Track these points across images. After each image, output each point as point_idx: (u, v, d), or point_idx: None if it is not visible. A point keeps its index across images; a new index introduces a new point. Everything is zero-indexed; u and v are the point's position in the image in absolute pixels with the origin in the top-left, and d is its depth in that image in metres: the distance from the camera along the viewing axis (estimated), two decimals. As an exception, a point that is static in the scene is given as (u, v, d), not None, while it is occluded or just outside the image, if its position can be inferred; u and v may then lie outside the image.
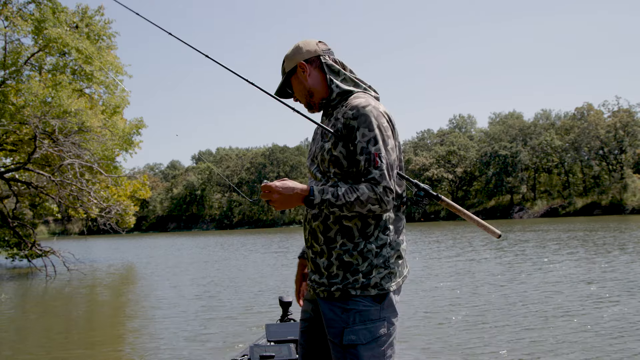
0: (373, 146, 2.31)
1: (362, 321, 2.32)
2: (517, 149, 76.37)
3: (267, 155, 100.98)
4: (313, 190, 2.31)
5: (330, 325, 2.37)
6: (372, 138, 2.31)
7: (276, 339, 4.10)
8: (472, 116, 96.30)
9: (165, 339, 8.08)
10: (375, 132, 2.32)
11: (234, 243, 38.95)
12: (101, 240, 61.46)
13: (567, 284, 11.18)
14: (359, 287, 2.34)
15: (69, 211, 23.24)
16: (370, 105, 2.36)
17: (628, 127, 71.09)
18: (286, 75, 2.59)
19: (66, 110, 19.07)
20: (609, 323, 7.56)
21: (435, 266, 15.86)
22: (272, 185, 2.29)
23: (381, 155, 2.31)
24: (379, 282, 2.35)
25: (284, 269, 17.73)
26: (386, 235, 2.39)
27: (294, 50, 2.58)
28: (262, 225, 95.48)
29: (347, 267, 2.36)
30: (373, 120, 2.33)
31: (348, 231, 2.37)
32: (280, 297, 4.72)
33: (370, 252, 2.36)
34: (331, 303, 2.38)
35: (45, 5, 20.53)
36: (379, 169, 2.29)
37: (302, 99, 2.59)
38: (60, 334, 9.07)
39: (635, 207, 63.93)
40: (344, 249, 2.37)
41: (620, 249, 17.91)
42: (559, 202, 73.09)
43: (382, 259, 2.37)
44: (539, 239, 24.95)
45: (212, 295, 12.51)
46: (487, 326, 7.78)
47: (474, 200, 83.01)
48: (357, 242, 2.36)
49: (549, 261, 15.57)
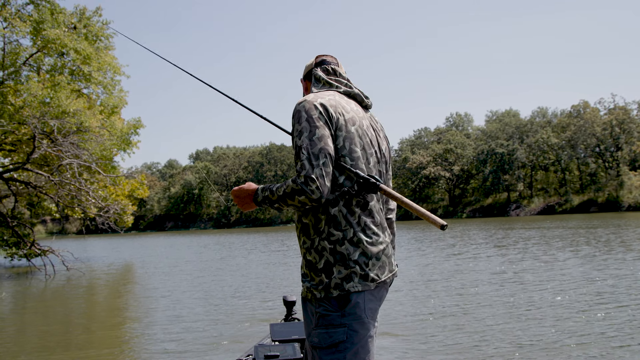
0: (299, 139, 2.35)
1: (323, 325, 2.32)
2: (513, 146, 76.49)
3: (264, 154, 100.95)
4: (258, 189, 2.44)
5: (305, 325, 2.44)
6: (299, 131, 2.36)
7: (280, 338, 4.09)
8: (469, 114, 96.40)
9: (168, 339, 8.08)
10: (303, 124, 2.36)
11: (233, 242, 38.95)
12: (99, 239, 61.39)
13: (575, 282, 11.24)
14: (321, 288, 2.33)
15: (66, 211, 23.26)
16: (305, 100, 2.43)
17: (624, 124, 71.28)
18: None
19: (65, 110, 19.11)
20: (617, 323, 7.59)
21: (437, 265, 15.92)
22: (233, 190, 2.50)
23: (303, 146, 2.32)
24: (340, 282, 2.31)
25: (285, 268, 17.73)
26: (339, 230, 2.34)
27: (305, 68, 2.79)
28: (259, 224, 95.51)
29: (310, 266, 2.39)
30: (303, 114, 2.38)
31: (306, 229, 2.42)
32: (284, 297, 4.71)
33: (324, 249, 2.34)
34: (304, 303, 2.43)
35: (43, 7, 20.56)
36: (300, 160, 2.31)
37: None
38: (59, 334, 9.07)
39: (632, 204, 64.09)
40: (305, 246, 2.42)
41: (623, 247, 18.00)
42: (555, 199, 73.26)
43: (339, 256, 2.32)
44: (543, 237, 25.01)
45: (215, 295, 12.50)
46: (495, 326, 7.83)
47: (471, 198, 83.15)
48: (313, 239, 2.39)
49: (554, 259, 15.60)
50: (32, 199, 25.02)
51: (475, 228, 38.83)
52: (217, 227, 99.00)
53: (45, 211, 27.43)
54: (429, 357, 6.38)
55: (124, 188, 23.63)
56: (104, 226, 21.67)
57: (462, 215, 78.76)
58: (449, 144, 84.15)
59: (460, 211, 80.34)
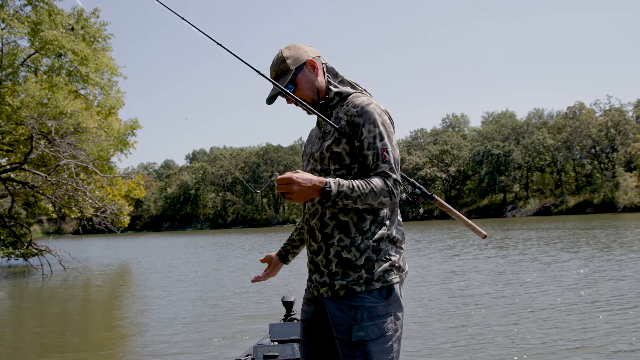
0: (380, 141, 2.38)
1: (370, 317, 2.35)
2: (509, 148, 76.72)
3: (261, 154, 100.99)
4: (329, 182, 2.29)
5: (337, 324, 2.39)
6: (378, 134, 2.39)
7: (280, 338, 4.11)
8: (465, 115, 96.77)
9: (166, 339, 8.11)
10: (380, 128, 2.40)
11: (231, 242, 38.89)
12: (96, 239, 61.39)
13: (578, 283, 11.32)
14: (362, 282, 2.37)
15: (63, 210, 23.32)
16: (373, 104, 2.44)
17: (619, 125, 71.58)
18: (293, 73, 2.54)
19: (62, 111, 19.17)
20: (619, 325, 7.63)
21: (436, 265, 15.99)
22: (292, 176, 2.23)
23: (388, 150, 2.38)
24: (383, 275, 2.39)
25: (284, 268, 17.74)
26: (383, 230, 2.43)
27: (295, 50, 2.59)
28: (256, 225, 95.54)
29: (346, 264, 2.39)
30: (377, 117, 2.41)
31: (344, 226, 2.41)
32: (283, 297, 4.72)
33: (368, 247, 2.39)
34: (337, 301, 2.40)
35: (41, 8, 20.59)
36: (387, 163, 2.37)
37: (309, 98, 2.57)
38: (55, 334, 9.08)
39: (627, 206, 64.37)
40: (342, 244, 2.40)
41: (623, 248, 18.10)
42: (551, 200, 73.52)
43: (381, 253, 2.41)
44: (543, 238, 25.12)
45: (212, 295, 12.51)
46: (497, 327, 7.90)
47: (467, 199, 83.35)
48: (353, 237, 2.40)
49: (554, 260, 15.63)
50: (28, 199, 25.08)
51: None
52: (213, 227, 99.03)
53: (41, 211, 27.50)
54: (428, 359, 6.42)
55: (120, 188, 23.69)
56: (100, 226, 21.75)
57: (458, 216, 78.77)
58: (445, 145, 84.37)
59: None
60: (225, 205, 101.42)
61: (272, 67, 2.60)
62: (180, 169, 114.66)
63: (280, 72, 2.57)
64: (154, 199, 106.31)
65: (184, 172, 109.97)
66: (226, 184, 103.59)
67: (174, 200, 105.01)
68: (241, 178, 16.97)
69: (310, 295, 2.60)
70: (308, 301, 2.61)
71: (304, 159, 2.67)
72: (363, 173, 2.44)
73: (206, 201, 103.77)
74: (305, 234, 2.57)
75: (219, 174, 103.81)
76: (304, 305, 2.65)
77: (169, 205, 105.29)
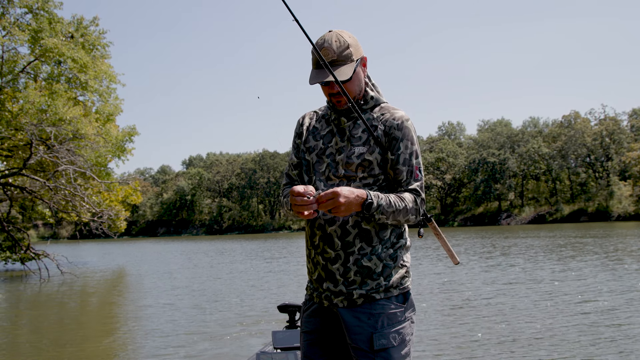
0: (415, 159, 2.39)
1: (390, 324, 2.34)
2: (505, 156, 77.11)
3: (257, 161, 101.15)
4: (369, 194, 2.25)
5: (355, 332, 2.34)
6: (414, 151, 2.40)
7: (283, 346, 4.07)
8: (461, 123, 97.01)
9: (166, 345, 8.10)
10: (416, 146, 2.42)
11: (229, 249, 38.80)
12: (92, 244, 61.35)
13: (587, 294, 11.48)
14: (382, 290, 2.35)
15: (59, 215, 23.44)
16: (410, 120, 2.45)
17: (614, 134, 72.08)
18: (356, 64, 2.40)
19: (62, 118, 19.36)
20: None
21: (440, 275, 16.08)
22: (338, 190, 2.17)
23: (421, 169, 2.42)
24: (400, 281, 2.40)
25: (285, 275, 17.73)
26: (402, 239, 2.45)
27: (354, 39, 2.44)
28: (251, 231, 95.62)
29: (365, 272, 2.35)
30: (414, 135, 2.42)
31: (366, 235, 2.36)
32: (285, 303, 4.64)
33: (388, 255, 2.37)
34: (354, 310, 2.36)
35: (42, 16, 20.80)
36: (419, 182, 2.39)
37: (354, 94, 2.44)
38: (52, 337, 9.09)
39: (621, 214, 64.71)
40: (362, 252, 2.35)
41: (631, 257, 18.22)
42: (546, 208, 73.88)
43: (398, 260, 2.40)
44: (546, 246, 25.26)
45: (216, 301, 12.43)
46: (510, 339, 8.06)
47: (462, 207, 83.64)
48: (374, 246, 2.36)
49: (562, 269, 15.75)
50: (25, 203, 25.22)
51: (474, 236, 39.08)
52: (209, 233, 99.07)
53: (39, 215, 27.61)
54: None
55: (117, 194, 23.85)
56: (97, 231, 21.90)
57: (454, 223, 79.20)
58: (441, 152, 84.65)
59: (452, 219, 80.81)
60: (221, 211, 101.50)
61: (330, 48, 2.35)
62: (176, 175, 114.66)
63: (342, 57, 2.37)
64: (150, 204, 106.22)
65: (180, 177, 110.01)
66: (222, 190, 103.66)
67: (170, 206, 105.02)
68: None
69: (315, 307, 2.49)
70: (312, 313, 2.50)
71: (313, 156, 2.50)
72: (388, 185, 2.42)
73: (202, 207, 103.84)
74: (317, 240, 2.42)
75: (215, 179, 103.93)
76: (305, 317, 2.54)
77: (165, 211, 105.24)
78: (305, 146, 2.53)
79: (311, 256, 2.47)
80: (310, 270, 2.50)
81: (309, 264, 2.50)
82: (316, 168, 2.46)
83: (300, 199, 2.19)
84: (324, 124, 2.51)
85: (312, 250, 2.46)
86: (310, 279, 2.52)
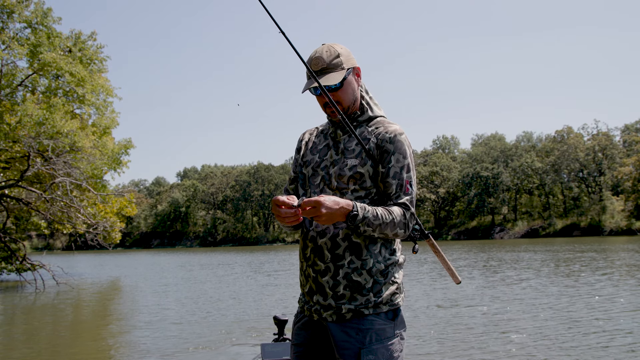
0: (406, 173, 2.37)
1: (378, 340, 2.32)
2: (498, 170, 77.59)
3: (251, 173, 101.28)
4: (356, 205, 2.24)
5: (343, 347, 2.33)
6: (405, 165, 2.38)
7: (272, 358, 4.09)
8: (455, 137, 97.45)
9: (159, 357, 8.25)
10: (408, 160, 2.40)
11: (224, 261, 38.76)
12: (87, 255, 61.27)
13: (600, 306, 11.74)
14: (371, 306, 2.33)
15: (56, 226, 23.65)
16: (405, 134, 2.44)
17: (607, 150, 72.68)
18: (346, 72, 2.41)
19: (59, 131, 19.68)
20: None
21: (438, 290, 16.26)
22: (321, 200, 2.16)
23: (412, 183, 2.38)
24: (390, 298, 2.37)
25: (276, 288, 17.81)
26: (394, 255, 2.42)
27: (346, 50, 2.47)
28: (245, 243, 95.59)
29: (354, 287, 2.33)
30: (407, 149, 2.41)
31: (357, 248, 2.34)
32: (275, 316, 4.64)
33: (378, 271, 2.35)
34: (343, 325, 2.35)
35: (40, 31, 21.21)
36: (409, 195, 2.36)
37: (345, 105, 2.45)
38: (49, 348, 9.21)
39: (613, 229, 65.12)
40: (352, 266, 2.33)
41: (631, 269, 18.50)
42: (539, 223, 74.28)
43: (389, 276, 2.38)
44: (550, 259, 25.46)
45: (206, 313, 12.46)
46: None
47: (456, 221, 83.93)
48: (364, 260, 2.34)
49: (570, 284, 15.88)
50: (20, 214, 25.43)
51: (473, 249, 39.21)
52: (203, 245, 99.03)
53: (33, 227, 27.82)
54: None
55: (113, 206, 24.09)
56: (92, 242, 22.14)
57: (447, 237, 79.48)
58: (435, 166, 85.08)
59: (445, 233, 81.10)
60: (216, 223, 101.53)
61: (320, 57, 2.40)
62: (171, 187, 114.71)
63: (332, 66, 2.39)
64: (144, 216, 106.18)
65: (174, 189, 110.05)
66: (217, 202, 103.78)
67: (164, 218, 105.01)
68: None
69: (306, 320, 2.50)
70: (303, 325, 2.50)
71: (309, 169, 2.53)
72: (380, 198, 2.41)
73: (196, 219, 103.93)
74: (308, 252, 2.43)
75: (210, 192, 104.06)
76: (296, 330, 2.54)
77: (159, 223, 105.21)
78: (303, 160, 2.57)
79: (303, 268, 2.48)
80: (302, 283, 2.50)
81: (301, 276, 2.50)
82: (311, 181, 2.49)
83: (284, 210, 2.21)
84: (322, 139, 2.55)
85: (304, 262, 2.46)
86: (302, 292, 2.52)
